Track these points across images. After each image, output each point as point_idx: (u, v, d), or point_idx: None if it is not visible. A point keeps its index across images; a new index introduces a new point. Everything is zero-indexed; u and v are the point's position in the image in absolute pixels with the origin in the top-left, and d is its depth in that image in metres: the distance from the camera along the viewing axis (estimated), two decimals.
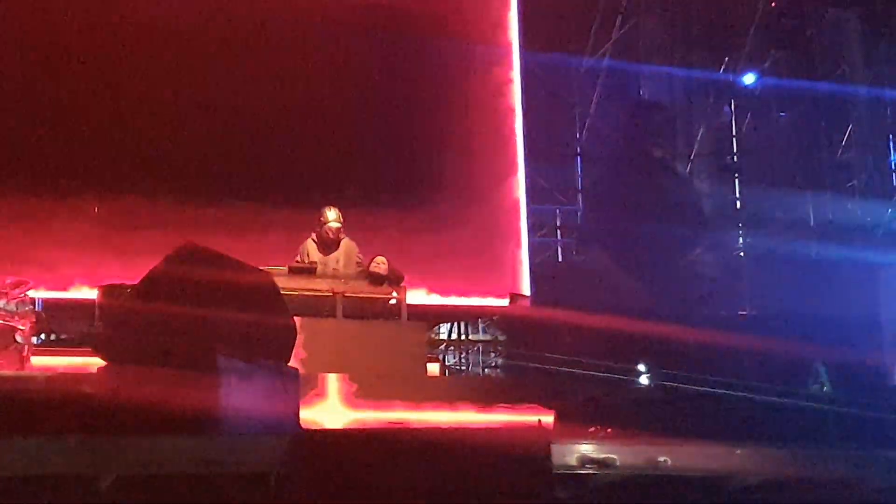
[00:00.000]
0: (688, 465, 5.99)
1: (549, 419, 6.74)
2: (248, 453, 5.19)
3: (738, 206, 15.03)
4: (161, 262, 5.96)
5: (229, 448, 5.17)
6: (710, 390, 7.88)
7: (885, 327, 9.44)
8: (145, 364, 5.40)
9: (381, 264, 9.20)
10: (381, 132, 11.96)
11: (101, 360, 5.91)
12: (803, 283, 11.27)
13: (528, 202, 12.64)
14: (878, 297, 10.41)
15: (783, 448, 6.39)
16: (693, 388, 8.03)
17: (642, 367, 8.92)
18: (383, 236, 10.63)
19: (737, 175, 15.04)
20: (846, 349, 8.58)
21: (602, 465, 5.81)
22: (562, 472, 5.73)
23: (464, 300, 11.86)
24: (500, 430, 6.65)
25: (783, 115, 15.03)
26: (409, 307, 9.28)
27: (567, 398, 7.45)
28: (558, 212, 14.44)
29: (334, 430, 6.97)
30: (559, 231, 14.53)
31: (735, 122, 15.08)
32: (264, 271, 6.90)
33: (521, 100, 12.58)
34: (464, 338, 13.68)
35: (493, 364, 13.76)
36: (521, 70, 12.65)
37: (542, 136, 13.42)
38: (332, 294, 8.89)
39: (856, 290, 10.49)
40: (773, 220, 14.49)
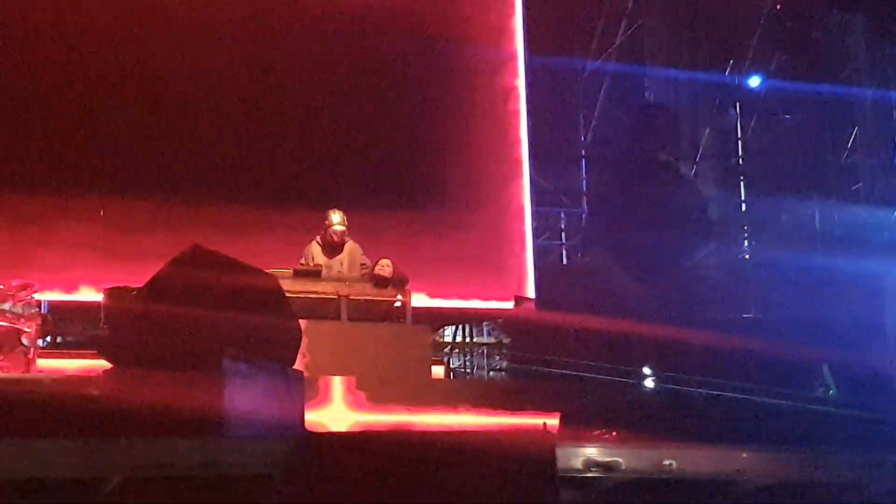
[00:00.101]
0: (693, 468, 5.98)
1: (553, 422, 6.74)
2: (252, 456, 5.19)
3: (743, 209, 15.00)
4: (166, 265, 5.96)
5: (234, 450, 5.17)
6: (715, 393, 7.87)
7: (891, 330, 9.42)
8: (150, 367, 5.41)
9: (385, 267, 9.21)
10: (386, 135, 11.96)
11: (106, 363, 5.92)
12: (808, 286, 11.24)
13: (533, 205, 12.64)
14: (883, 299, 10.39)
15: (789, 451, 6.38)
16: (698, 391, 8.03)
17: (647, 370, 8.92)
18: (388, 239, 10.64)
19: (742, 178, 15.01)
20: (851, 352, 8.57)
21: (607, 468, 5.81)
22: (567, 475, 5.72)
23: (468, 303, 11.86)
24: (505, 433, 6.66)
25: (788, 117, 15.00)
26: (414, 310, 9.29)
27: (572, 401, 7.45)
28: (563, 215, 14.43)
29: (338, 432, 6.98)
30: (564, 234, 14.52)
31: (740, 125, 15.05)
32: (269, 274, 6.90)
33: (526, 103, 12.58)
34: (468, 341, 13.68)
35: (497, 367, 13.75)
36: (526, 73, 12.65)
37: (546, 139, 13.41)
38: (336, 297, 8.91)
39: (861, 293, 10.47)
40: (778, 223, 14.47)
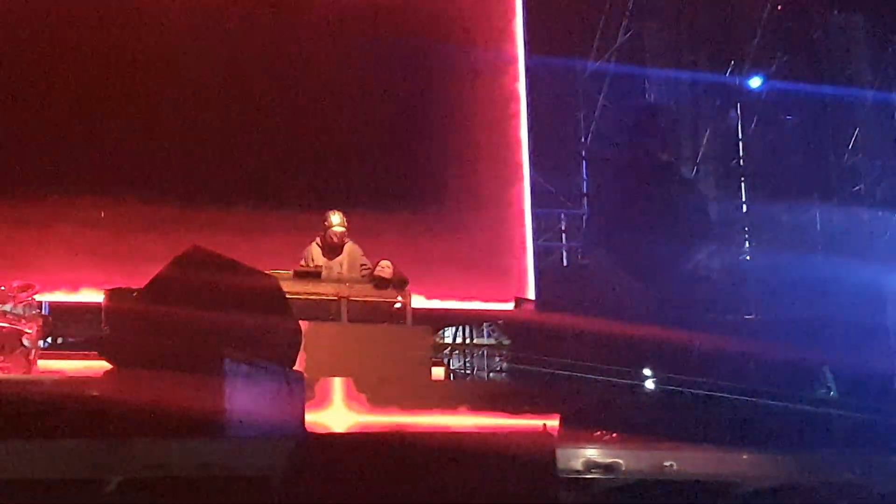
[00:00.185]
0: (693, 469, 5.97)
1: (554, 423, 6.74)
2: (252, 456, 5.20)
3: (745, 210, 15.00)
4: (167, 266, 5.97)
5: (234, 451, 5.18)
6: (715, 395, 7.87)
7: (892, 331, 9.41)
8: (151, 367, 5.41)
9: (385, 268, 9.21)
10: (387, 137, 11.97)
11: (107, 364, 5.92)
12: (810, 287, 11.24)
13: (534, 206, 12.64)
14: (884, 300, 10.38)
15: (789, 452, 6.38)
16: (699, 392, 8.02)
17: (648, 371, 8.91)
18: (388, 240, 10.64)
19: (742, 179, 15.01)
20: (852, 354, 8.56)
21: (607, 469, 5.80)
22: (567, 476, 5.72)
23: (468, 304, 11.86)
24: (505, 434, 6.66)
25: (789, 118, 15.00)
26: (414, 311, 9.29)
27: (572, 402, 7.45)
28: (563, 216, 14.43)
29: (339, 433, 6.98)
30: (564, 235, 14.52)
31: (741, 126, 15.05)
32: (270, 275, 6.91)
33: (527, 104, 12.58)
34: (469, 342, 13.68)
35: (497, 368, 13.76)
36: (527, 74, 12.66)
37: (547, 140, 13.41)
38: (336, 298, 8.91)
39: (862, 295, 10.46)
40: (778, 224, 14.46)
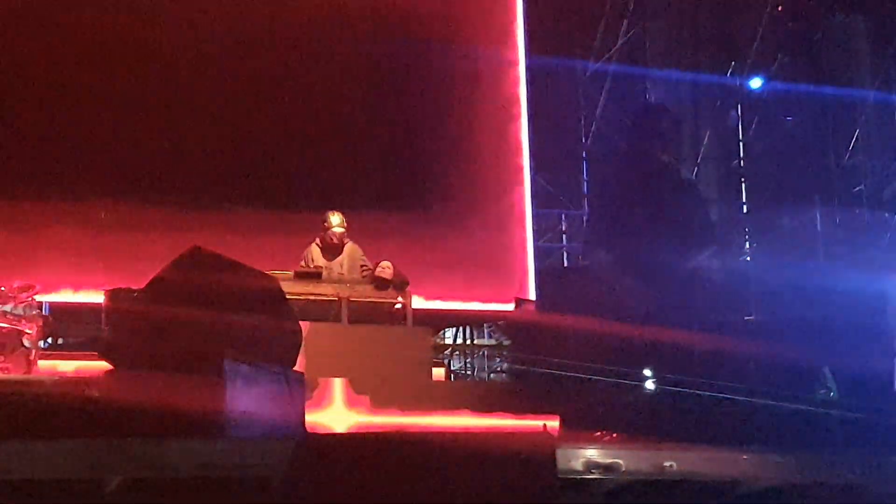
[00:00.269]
0: (694, 470, 5.97)
1: (554, 424, 6.74)
2: (252, 457, 5.20)
3: (745, 211, 15.00)
4: (167, 267, 5.97)
5: (234, 452, 5.18)
6: (716, 395, 7.86)
7: (892, 332, 9.41)
8: (151, 368, 5.42)
9: (386, 269, 9.21)
10: (387, 138, 11.97)
11: (107, 364, 5.93)
12: (810, 288, 11.23)
13: (534, 207, 12.64)
14: (884, 301, 10.37)
15: (789, 453, 6.37)
16: (699, 393, 8.02)
17: (648, 371, 8.91)
18: (389, 241, 10.63)
19: (743, 179, 15.02)
20: (853, 354, 8.56)
21: (608, 469, 5.80)
22: (567, 476, 5.71)
23: (469, 305, 11.86)
24: (505, 434, 6.66)
25: (790, 119, 15.00)
26: (415, 312, 9.29)
27: (572, 403, 7.45)
28: (564, 216, 14.43)
29: (339, 434, 6.98)
30: (564, 236, 14.52)
31: (742, 127, 15.05)
32: (270, 276, 6.91)
33: (527, 105, 12.58)
34: (469, 343, 13.68)
35: (498, 369, 13.76)
36: (527, 75, 12.66)
37: (547, 140, 13.41)
38: (337, 299, 8.91)
39: (863, 296, 10.45)
40: (779, 224, 14.45)
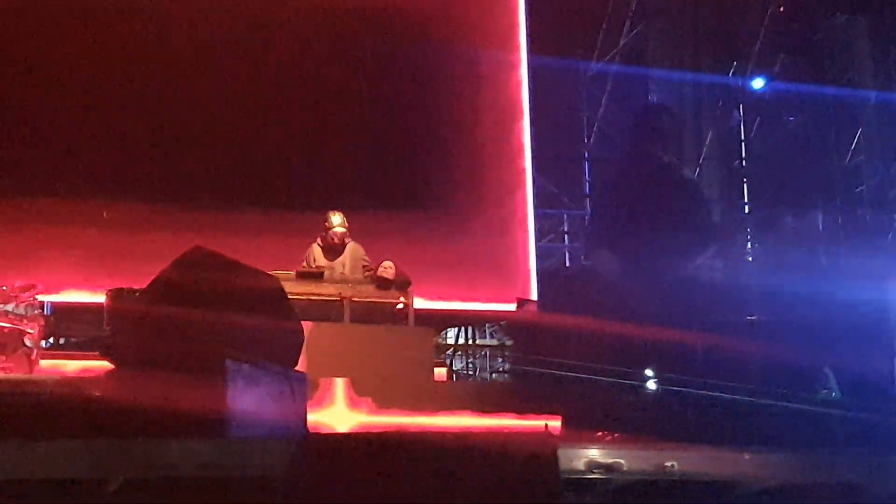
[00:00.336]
0: (695, 469, 5.97)
1: (556, 424, 6.74)
2: (254, 457, 5.19)
3: (747, 211, 15.01)
4: (169, 266, 5.97)
5: (236, 452, 5.18)
6: (718, 395, 7.87)
7: (893, 333, 9.42)
8: (153, 368, 5.41)
9: (388, 269, 9.21)
10: (389, 138, 11.98)
11: (108, 364, 5.93)
12: (811, 288, 11.23)
13: (536, 207, 12.65)
14: (886, 301, 10.38)
15: (791, 453, 6.37)
16: (701, 392, 8.02)
17: (650, 371, 8.92)
18: (391, 241, 10.64)
19: (745, 180, 15.02)
20: (854, 354, 8.56)
21: (609, 469, 5.79)
22: (569, 476, 5.72)
23: (471, 305, 11.86)
24: (507, 434, 6.66)
25: (792, 119, 15.00)
26: (416, 312, 9.29)
27: (574, 403, 7.45)
28: (566, 216, 14.44)
29: (341, 434, 6.98)
30: (567, 236, 14.54)
31: (744, 127, 15.06)
32: (272, 276, 6.91)
33: (529, 105, 12.58)
34: (471, 343, 13.69)
35: (500, 369, 13.77)
36: (530, 75, 12.66)
37: (550, 140, 13.42)
38: (339, 298, 8.91)
39: (864, 296, 10.46)
40: (781, 225, 14.46)
